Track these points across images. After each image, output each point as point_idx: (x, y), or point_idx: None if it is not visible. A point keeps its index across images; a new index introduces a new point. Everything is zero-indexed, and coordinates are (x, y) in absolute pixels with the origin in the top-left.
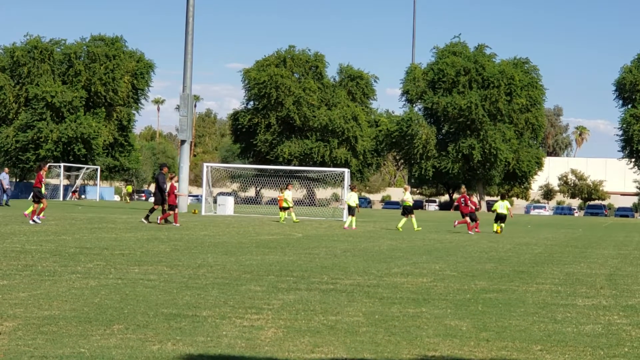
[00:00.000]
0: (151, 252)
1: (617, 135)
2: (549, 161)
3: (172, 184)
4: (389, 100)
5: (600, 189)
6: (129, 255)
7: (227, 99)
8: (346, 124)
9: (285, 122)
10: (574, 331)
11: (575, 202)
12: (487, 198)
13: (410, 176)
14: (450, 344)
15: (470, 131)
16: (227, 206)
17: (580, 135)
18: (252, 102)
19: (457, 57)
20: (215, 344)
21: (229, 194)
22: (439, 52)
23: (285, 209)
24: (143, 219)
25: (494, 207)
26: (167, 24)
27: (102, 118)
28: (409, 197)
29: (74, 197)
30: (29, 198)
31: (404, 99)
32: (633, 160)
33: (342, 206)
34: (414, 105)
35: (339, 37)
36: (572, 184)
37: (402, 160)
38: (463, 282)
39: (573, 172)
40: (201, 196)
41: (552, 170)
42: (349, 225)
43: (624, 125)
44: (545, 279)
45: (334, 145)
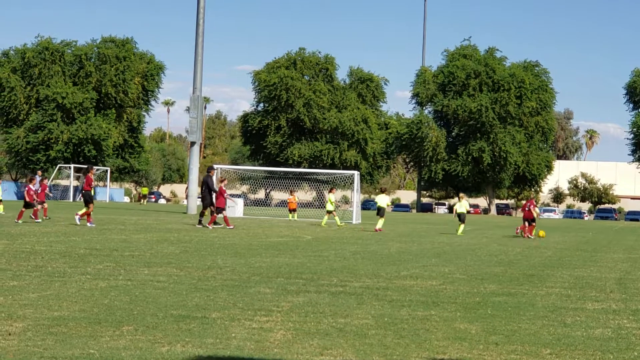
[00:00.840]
0: (161, 253)
1: (627, 139)
2: (559, 164)
3: (222, 187)
4: (399, 102)
5: (611, 192)
6: (138, 256)
7: (237, 100)
8: (356, 127)
9: (295, 124)
10: (583, 335)
11: (586, 206)
12: (497, 201)
13: (420, 179)
14: (459, 347)
15: (480, 134)
16: (237, 208)
17: (590, 138)
18: (262, 104)
19: (468, 60)
20: (225, 345)
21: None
22: (450, 55)
23: (329, 212)
24: (198, 224)
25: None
26: (178, 25)
27: (112, 119)
28: (464, 205)
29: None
30: (78, 200)
31: (414, 101)
32: None
33: (351, 208)
34: (424, 108)
35: (349, 39)
36: (582, 188)
37: (411, 163)
38: (472, 285)
39: (583, 175)
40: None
41: (562, 174)
42: (380, 227)
43: (634, 129)
44: (554, 282)
45: (344, 148)
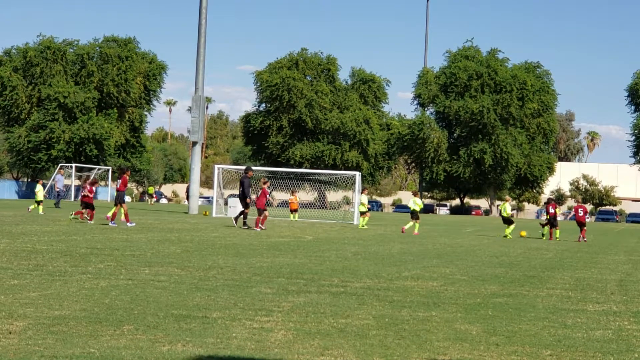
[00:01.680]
0: (162, 253)
1: (629, 141)
2: (560, 166)
3: (264, 189)
4: (400, 103)
5: (612, 194)
6: (139, 256)
7: (239, 101)
8: (358, 127)
9: (297, 124)
10: (584, 336)
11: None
12: (498, 203)
13: (422, 180)
14: (460, 348)
15: (482, 135)
16: (238, 208)
17: (592, 140)
18: (264, 105)
19: (470, 61)
20: (225, 345)
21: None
22: (452, 56)
23: (362, 214)
24: (242, 226)
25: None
26: (180, 25)
27: (114, 119)
28: (508, 208)
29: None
30: (110, 200)
31: (416, 102)
32: None
33: (352, 209)
34: (426, 109)
35: (351, 40)
36: (584, 190)
37: (413, 164)
38: (473, 286)
39: (584, 177)
40: (212, 198)
41: (563, 176)
42: (409, 228)
43: (636, 131)
44: (555, 284)
45: (346, 148)
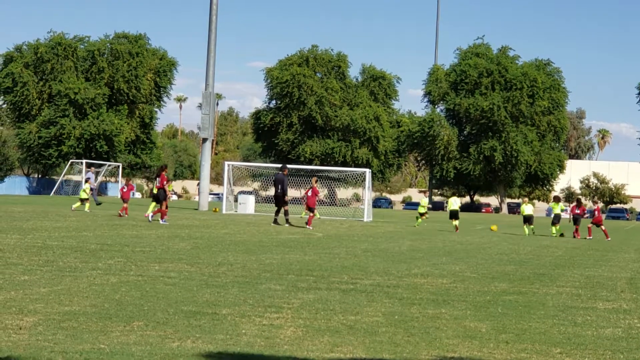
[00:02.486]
0: (172, 249)
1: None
2: (570, 164)
3: (315, 187)
4: (411, 101)
5: (622, 192)
6: (149, 252)
7: (249, 97)
8: (368, 124)
9: (307, 121)
10: (594, 334)
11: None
12: (508, 200)
13: (432, 177)
14: (469, 346)
15: (492, 133)
16: (248, 205)
17: (602, 138)
18: (274, 101)
19: (480, 58)
20: (235, 342)
21: (250, 192)
22: (462, 54)
23: (422, 215)
24: (286, 224)
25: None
26: (190, 22)
27: (124, 115)
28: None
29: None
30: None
31: (426, 100)
32: None
33: (362, 206)
34: (436, 107)
35: (362, 37)
36: (594, 187)
37: (423, 161)
38: (483, 284)
39: (595, 175)
40: (222, 194)
41: (574, 173)
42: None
43: None
44: (565, 282)
45: (356, 146)
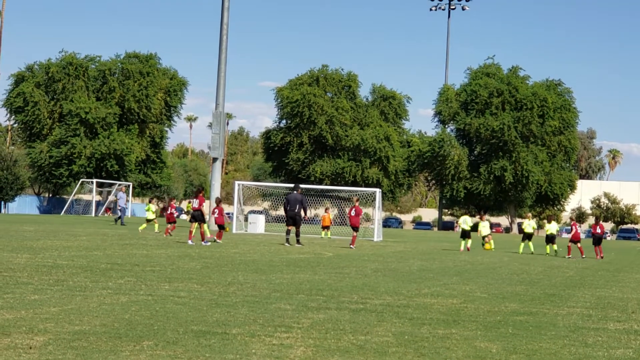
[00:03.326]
0: (182, 269)
1: None
2: (581, 184)
3: (357, 206)
4: (421, 120)
5: (633, 212)
6: (159, 271)
7: (259, 117)
8: (378, 144)
9: (318, 141)
10: (604, 355)
11: (608, 226)
12: (519, 220)
13: (442, 197)
14: None
15: (503, 153)
16: (258, 224)
17: (613, 158)
18: (284, 121)
19: (491, 78)
20: None
21: (260, 212)
22: (473, 73)
23: (484, 237)
24: (296, 243)
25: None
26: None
27: (135, 135)
28: (553, 227)
29: (107, 214)
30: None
31: (436, 119)
32: None
33: (372, 226)
34: (447, 126)
35: (372, 57)
36: (605, 208)
37: (433, 181)
38: (493, 304)
39: (606, 195)
40: (232, 214)
41: (584, 194)
42: (468, 247)
43: None
44: (576, 302)
45: (366, 165)
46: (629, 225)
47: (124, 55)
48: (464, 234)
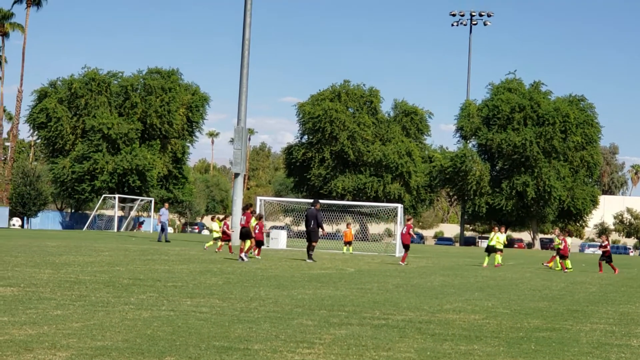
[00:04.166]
0: (204, 284)
1: None
2: (604, 199)
3: (409, 224)
4: (443, 136)
5: None
6: (181, 287)
7: (281, 132)
8: (400, 160)
9: (339, 156)
10: None
11: (631, 242)
12: (541, 236)
13: (464, 212)
14: None
15: (525, 168)
16: (280, 240)
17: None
18: (306, 136)
19: (512, 93)
20: None
21: (282, 227)
22: (494, 89)
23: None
24: (308, 259)
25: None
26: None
27: (156, 150)
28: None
29: (140, 229)
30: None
31: (458, 135)
32: None
33: (394, 241)
34: (468, 142)
35: (394, 72)
36: (628, 223)
37: (455, 197)
38: (516, 320)
39: (629, 210)
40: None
41: (607, 209)
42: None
43: None
44: (599, 318)
45: (388, 181)
46: None
47: (146, 71)
48: (489, 249)
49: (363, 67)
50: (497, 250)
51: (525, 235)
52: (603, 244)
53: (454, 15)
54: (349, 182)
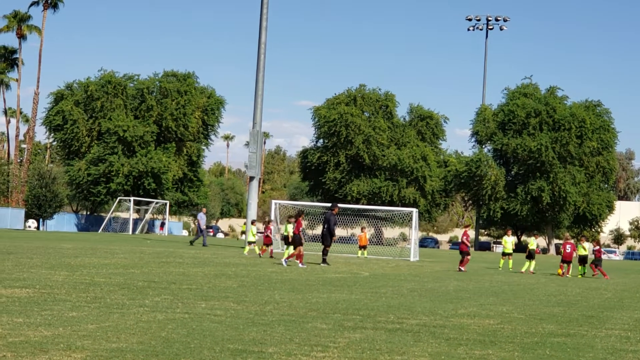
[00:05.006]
0: (218, 287)
1: None
2: (620, 205)
3: (466, 231)
4: (458, 140)
5: None
6: (196, 290)
7: (296, 136)
8: (415, 164)
9: (355, 160)
10: None
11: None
12: (556, 241)
13: (479, 217)
14: None
15: (540, 173)
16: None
17: None
18: (321, 140)
19: (528, 98)
20: None
21: None
22: (510, 94)
23: (507, 255)
24: (322, 263)
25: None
26: (239, 61)
27: (172, 153)
28: (589, 247)
29: (162, 231)
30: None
31: (473, 139)
32: None
33: (409, 245)
34: (484, 146)
35: (409, 76)
36: None
37: (470, 201)
38: (530, 325)
39: None
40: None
41: (623, 215)
42: (525, 270)
43: None
44: (614, 324)
45: (403, 185)
46: None
47: (162, 74)
48: (530, 255)
49: (379, 71)
50: (509, 255)
51: (541, 241)
52: (595, 249)
53: (470, 20)
54: (364, 186)
